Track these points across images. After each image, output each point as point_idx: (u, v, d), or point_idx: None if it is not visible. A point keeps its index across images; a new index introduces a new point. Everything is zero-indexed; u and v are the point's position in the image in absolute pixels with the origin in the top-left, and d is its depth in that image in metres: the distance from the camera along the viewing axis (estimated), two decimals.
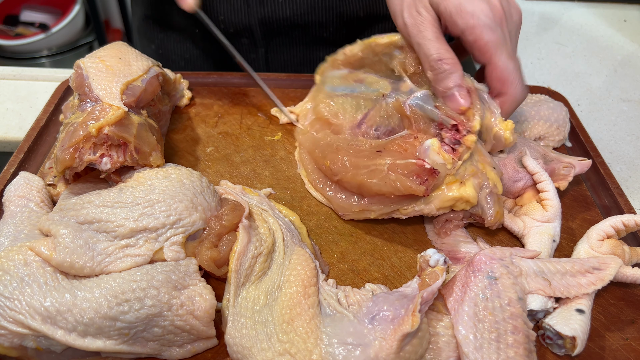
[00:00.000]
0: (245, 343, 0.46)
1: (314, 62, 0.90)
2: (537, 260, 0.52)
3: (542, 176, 0.62)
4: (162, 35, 0.92)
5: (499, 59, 0.56)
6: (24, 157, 0.67)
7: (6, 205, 0.57)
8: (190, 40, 0.90)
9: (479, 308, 0.47)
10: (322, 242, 0.61)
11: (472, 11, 0.55)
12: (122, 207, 0.51)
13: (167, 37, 0.91)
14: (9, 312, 0.44)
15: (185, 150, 0.72)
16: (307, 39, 0.89)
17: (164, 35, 0.92)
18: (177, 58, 0.92)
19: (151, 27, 0.92)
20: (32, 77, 0.92)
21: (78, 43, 2.09)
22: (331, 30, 0.87)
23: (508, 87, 0.57)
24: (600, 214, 0.65)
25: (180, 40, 0.91)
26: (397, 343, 0.43)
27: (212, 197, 0.56)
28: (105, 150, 0.55)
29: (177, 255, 0.51)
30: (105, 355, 0.47)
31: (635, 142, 0.83)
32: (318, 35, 0.88)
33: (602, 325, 0.53)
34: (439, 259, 0.49)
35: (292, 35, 0.88)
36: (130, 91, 0.61)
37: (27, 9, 2.07)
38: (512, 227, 0.61)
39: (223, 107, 0.80)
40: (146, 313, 0.46)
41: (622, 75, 1.00)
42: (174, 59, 0.92)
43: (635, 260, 0.56)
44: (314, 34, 0.87)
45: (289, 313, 0.47)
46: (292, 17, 0.84)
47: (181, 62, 0.93)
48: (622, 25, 1.16)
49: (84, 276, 0.48)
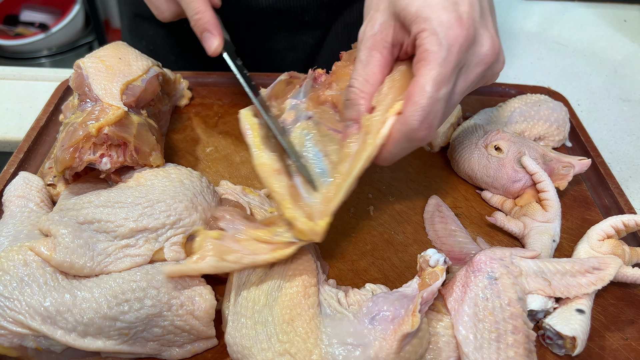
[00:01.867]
0: (245, 343, 0.46)
1: (298, 46, 0.91)
2: (537, 260, 0.52)
3: (541, 176, 0.62)
4: (152, 32, 0.93)
5: (423, 74, 0.46)
6: (23, 157, 0.67)
7: (6, 205, 0.57)
8: (179, 36, 0.91)
9: (479, 308, 0.47)
10: (322, 242, 0.61)
11: (428, 16, 0.46)
12: (122, 207, 0.51)
13: (157, 34, 0.93)
14: (8, 312, 0.44)
15: (185, 150, 0.72)
16: (289, 24, 0.89)
17: (153, 32, 0.93)
18: (167, 53, 0.93)
19: (140, 25, 0.93)
20: (32, 77, 0.92)
21: (78, 43, 2.09)
22: (312, 14, 0.87)
23: (407, 105, 0.47)
24: (600, 214, 0.65)
25: (169, 36, 0.92)
26: (397, 343, 0.43)
27: (212, 197, 0.56)
28: (105, 150, 0.55)
29: (177, 255, 0.51)
30: (105, 355, 0.47)
31: (635, 142, 0.83)
32: (300, 20, 0.88)
33: (602, 325, 0.53)
34: (439, 259, 0.49)
35: (274, 22, 0.88)
36: (130, 91, 0.61)
37: (27, 9, 2.07)
38: (512, 229, 0.61)
39: (223, 107, 0.80)
40: (146, 313, 0.46)
41: (622, 75, 1.00)
42: (164, 54, 0.93)
43: (636, 260, 0.56)
44: (295, 19, 0.88)
45: (289, 313, 0.47)
46: (275, 4, 0.84)
47: (171, 56, 0.94)
48: (622, 25, 1.16)
49: (83, 276, 0.48)
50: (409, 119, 0.47)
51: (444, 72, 0.46)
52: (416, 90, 0.46)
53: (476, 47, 0.48)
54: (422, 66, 0.46)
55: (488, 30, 0.48)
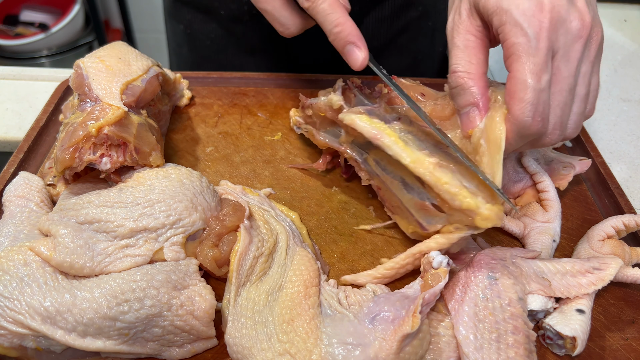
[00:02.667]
0: (245, 343, 0.46)
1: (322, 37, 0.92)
2: (537, 261, 0.51)
3: (541, 176, 0.62)
4: (190, 17, 0.95)
5: (518, 68, 0.46)
6: (23, 157, 0.67)
7: (6, 205, 0.57)
8: (216, 21, 0.93)
9: (479, 308, 0.47)
10: (322, 242, 0.61)
11: (508, 8, 0.46)
12: (122, 207, 0.51)
13: (195, 18, 0.95)
14: (8, 312, 0.44)
15: (185, 150, 0.72)
16: None
17: (191, 17, 0.95)
18: (204, 37, 0.95)
19: (180, 9, 0.95)
20: (32, 77, 0.92)
21: (78, 43, 2.09)
22: None
23: (512, 104, 0.47)
24: (600, 214, 0.65)
25: (206, 21, 0.93)
26: (397, 344, 0.43)
27: (212, 197, 0.56)
28: (105, 150, 0.55)
29: (177, 255, 0.51)
30: (105, 356, 0.47)
31: (635, 142, 0.83)
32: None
33: (603, 325, 0.53)
34: (442, 261, 0.49)
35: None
36: (130, 91, 0.61)
37: (27, 9, 2.07)
38: (512, 229, 0.61)
39: (223, 107, 0.80)
40: (146, 313, 0.46)
41: (622, 75, 1.00)
42: (201, 38, 0.95)
43: (636, 260, 0.56)
44: None
45: (289, 313, 0.47)
46: None
47: (207, 41, 0.96)
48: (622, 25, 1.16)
49: (83, 276, 0.48)
50: (519, 116, 0.46)
51: (538, 61, 0.45)
52: (518, 86, 0.46)
53: (565, 26, 0.47)
54: (514, 60, 0.46)
55: (574, 5, 0.47)
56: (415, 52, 0.98)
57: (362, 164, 0.60)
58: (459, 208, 0.49)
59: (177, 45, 1.02)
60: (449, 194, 0.49)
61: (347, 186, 0.68)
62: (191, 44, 0.97)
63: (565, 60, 0.47)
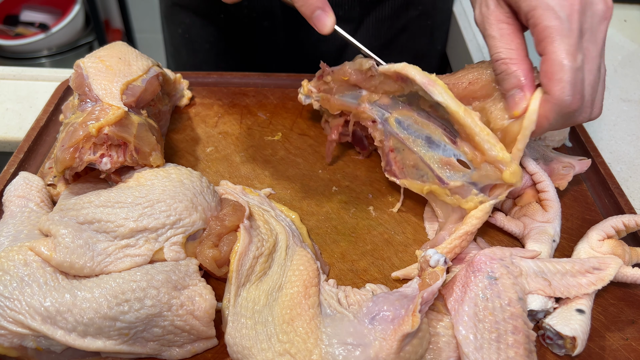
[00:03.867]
0: (245, 343, 0.46)
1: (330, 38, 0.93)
2: (537, 260, 0.51)
3: (541, 176, 0.62)
4: (188, 20, 0.95)
5: (554, 50, 0.48)
6: (23, 157, 0.67)
7: (6, 205, 0.57)
8: (214, 25, 0.93)
9: (479, 308, 0.47)
10: (322, 242, 0.61)
11: None
12: (122, 207, 0.51)
13: (193, 22, 0.95)
14: (8, 312, 0.44)
15: (185, 150, 0.72)
16: None
17: (190, 20, 0.95)
18: (202, 41, 0.96)
19: (177, 13, 0.96)
20: (32, 77, 0.92)
21: (78, 43, 2.09)
22: (346, 9, 0.89)
23: (552, 85, 0.49)
24: (600, 214, 0.65)
25: (205, 25, 0.94)
26: (397, 343, 0.43)
27: (212, 197, 0.56)
28: (105, 150, 0.55)
29: (177, 255, 0.51)
30: (105, 355, 0.47)
31: (635, 142, 0.83)
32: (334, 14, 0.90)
33: (603, 325, 0.53)
34: (439, 259, 0.49)
35: None
36: (130, 91, 0.61)
37: (27, 9, 2.07)
38: (512, 229, 0.61)
39: (223, 107, 0.80)
40: (146, 313, 0.46)
41: (622, 75, 1.00)
42: (200, 42, 0.96)
43: (636, 260, 0.56)
44: None
45: (289, 313, 0.47)
46: None
47: (206, 44, 0.96)
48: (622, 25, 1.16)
49: (83, 276, 0.48)
50: (559, 96, 0.49)
51: (572, 42, 0.48)
52: (555, 67, 0.48)
53: (592, 8, 0.50)
54: (549, 43, 0.48)
55: None
56: (415, 51, 0.99)
57: (380, 124, 0.62)
58: (494, 159, 0.53)
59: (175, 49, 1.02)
60: (489, 143, 0.53)
61: (347, 186, 0.68)
62: (189, 47, 0.97)
63: (592, 40, 0.50)
